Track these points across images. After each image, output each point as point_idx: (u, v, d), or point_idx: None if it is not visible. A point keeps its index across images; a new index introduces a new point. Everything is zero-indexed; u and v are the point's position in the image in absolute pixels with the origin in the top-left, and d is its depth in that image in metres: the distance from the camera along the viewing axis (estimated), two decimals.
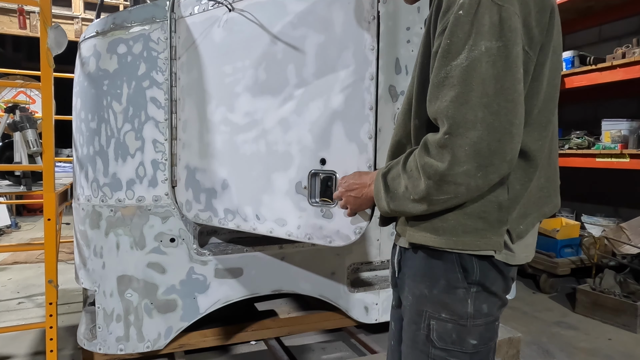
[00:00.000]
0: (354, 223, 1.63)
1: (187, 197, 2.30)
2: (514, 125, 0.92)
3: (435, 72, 0.97)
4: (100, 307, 2.37)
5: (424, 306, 1.11)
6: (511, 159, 0.94)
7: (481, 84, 0.91)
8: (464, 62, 0.92)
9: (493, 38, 0.91)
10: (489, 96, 0.90)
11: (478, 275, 1.06)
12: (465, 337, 1.07)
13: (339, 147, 1.69)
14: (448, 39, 0.94)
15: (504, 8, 0.92)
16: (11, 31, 6.38)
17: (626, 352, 2.98)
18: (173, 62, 2.29)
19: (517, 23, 0.93)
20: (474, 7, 0.92)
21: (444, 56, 0.95)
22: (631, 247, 3.84)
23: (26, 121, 2.75)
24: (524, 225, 1.09)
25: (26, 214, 8.68)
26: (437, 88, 0.96)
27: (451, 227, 1.04)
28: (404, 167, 1.06)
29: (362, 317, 2.75)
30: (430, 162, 0.96)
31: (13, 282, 4.45)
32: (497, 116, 0.90)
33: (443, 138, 0.93)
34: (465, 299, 1.06)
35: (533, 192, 1.10)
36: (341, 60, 1.67)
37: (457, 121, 0.91)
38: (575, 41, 4.99)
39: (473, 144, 0.90)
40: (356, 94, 1.63)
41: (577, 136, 4.31)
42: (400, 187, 1.06)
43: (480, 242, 1.03)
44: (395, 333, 1.33)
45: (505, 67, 0.91)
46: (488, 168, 0.93)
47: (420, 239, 1.08)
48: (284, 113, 1.87)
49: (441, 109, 0.94)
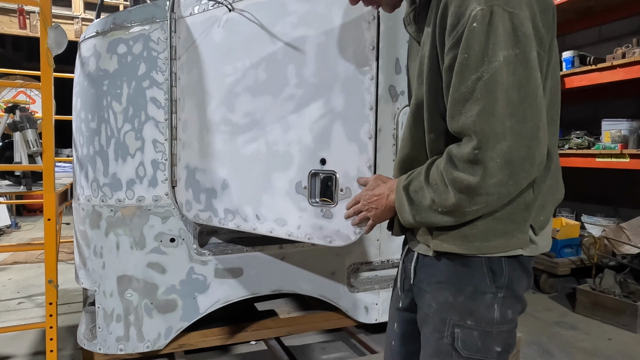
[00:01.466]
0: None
1: (187, 197, 2.30)
2: (540, 129, 0.93)
3: (455, 88, 0.97)
4: (100, 307, 2.37)
5: (449, 314, 1.10)
6: (540, 162, 0.96)
7: (505, 93, 0.91)
8: (485, 75, 0.92)
9: (509, 46, 0.91)
10: (514, 105, 0.91)
11: (506, 277, 1.06)
12: (491, 344, 1.07)
13: (339, 147, 1.69)
14: (465, 53, 0.94)
15: (515, 15, 0.92)
16: (11, 31, 6.39)
17: (626, 352, 2.98)
18: (173, 62, 2.29)
19: (529, 28, 0.93)
20: (487, 18, 0.92)
21: (462, 71, 0.95)
22: (631, 247, 3.84)
23: (26, 121, 2.75)
24: (544, 216, 1.10)
25: (26, 214, 8.67)
26: (459, 103, 0.96)
27: (481, 232, 1.04)
28: (426, 179, 1.05)
29: (362, 317, 2.75)
30: (460, 177, 0.96)
31: (13, 282, 4.45)
32: (524, 123, 0.91)
33: (473, 153, 0.93)
34: (492, 305, 1.06)
35: (548, 183, 1.11)
36: (341, 60, 1.67)
37: (486, 135, 0.91)
38: (575, 41, 4.99)
39: (504, 155, 0.91)
40: (356, 94, 1.63)
41: (577, 136, 4.31)
42: (425, 199, 1.05)
43: (509, 243, 1.04)
44: (399, 335, 1.34)
45: (525, 73, 0.92)
46: (520, 174, 0.94)
47: (450, 247, 1.07)
48: (284, 113, 1.87)
49: (467, 124, 0.94)
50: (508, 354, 1.10)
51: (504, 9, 0.92)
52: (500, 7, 0.91)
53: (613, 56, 3.84)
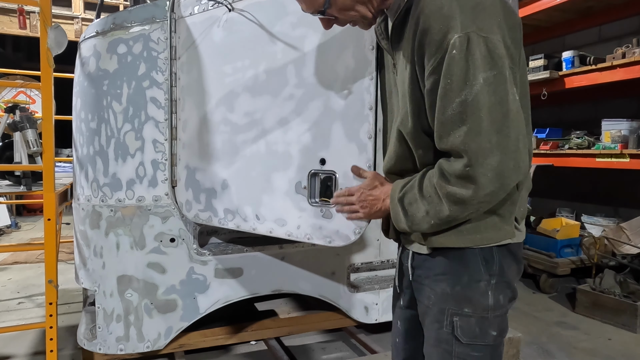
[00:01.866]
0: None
1: (187, 197, 2.30)
2: (520, 140, 1.02)
3: (440, 111, 1.04)
4: (100, 307, 2.37)
5: (446, 304, 1.18)
6: (524, 168, 1.05)
7: (488, 112, 0.99)
8: (468, 97, 1.00)
9: (487, 68, 1.00)
10: (498, 122, 0.99)
11: (498, 264, 1.15)
12: (487, 329, 1.16)
13: (338, 147, 1.69)
14: (448, 79, 1.01)
15: (489, 39, 1.00)
16: (11, 31, 6.39)
17: (626, 352, 2.98)
18: (173, 62, 2.29)
19: (501, 49, 1.02)
20: (465, 45, 0.99)
21: (446, 95, 1.02)
22: (631, 247, 3.84)
23: (26, 121, 2.75)
24: (524, 207, 1.23)
25: (26, 214, 8.68)
26: (447, 125, 1.03)
27: (473, 226, 1.13)
28: (420, 192, 1.13)
29: (362, 317, 2.75)
30: (453, 191, 1.05)
31: (13, 282, 4.45)
32: (508, 137, 1.00)
33: (464, 170, 1.01)
34: (486, 291, 1.15)
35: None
36: (341, 60, 1.67)
37: (475, 152, 1.00)
38: (575, 41, 4.99)
39: (494, 169, 1.00)
40: (356, 94, 1.63)
41: (577, 136, 4.31)
42: (419, 212, 1.13)
43: (499, 234, 1.15)
44: (402, 332, 1.40)
45: (504, 92, 1.00)
46: (509, 184, 1.04)
47: (446, 242, 1.16)
48: (284, 113, 1.87)
49: (456, 144, 1.02)
50: (502, 337, 1.20)
51: (479, 34, 1.00)
52: (475, 34, 1.00)
53: (613, 56, 3.84)
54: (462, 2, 1.02)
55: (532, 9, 4.51)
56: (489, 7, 1.03)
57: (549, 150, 4.47)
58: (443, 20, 1.02)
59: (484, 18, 1.01)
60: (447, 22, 1.01)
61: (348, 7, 1.18)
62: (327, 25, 1.28)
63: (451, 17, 1.01)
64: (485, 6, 1.03)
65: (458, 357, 1.17)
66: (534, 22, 4.90)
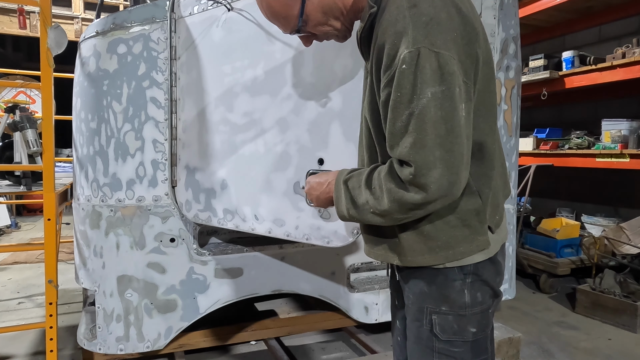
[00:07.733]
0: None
1: (187, 197, 2.30)
2: (463, 156, 1.05)
3: (391, 123, 1.07)
4: (100, 307, 2.37)
5: (425, 303, 1.21)
6: (463, 184, 1.08)
7: (433, 127, 1.01)
8: (415, 110, 1.02)
9: (436, 83, 1.01)
10: (442, 137, 1.02)
11: (471, 265, 1.17)
12: (466, 326, 1.18)
13: (337, 147, 1.69)
14: (398, 92, 1.04)
15: (440, 54, 1.02)
16: (11, 31, 6.39)
17: (626, 352, 2.98)
18: (173, 62, 2.29)
19: (453, 66, 1.03)
20: (415, 59, 1.01)
21: (396, 107, 1.05)
22: (631, 247, 3.84)
23: (26, 121, 2.75)
24: (499, 214, 1.24)
25: (26, 214, 8.68)
26: (396, 136, 1.06)
27: (444, 242, 1.15)
28: (367, 183, 1.15)
29: (362, 317, 2.75)
30: (397, 192, 1.07)
31: (13, 282, 4.46)
32: (452, 153, 1.03)
33: (409, 177, 1.04)
34: (462, 290, 1.18)
35: (498, 183, 1.23)
36: (339, 60, 1.67)
37: (419, 164, 1.02)
38: (575, 41, 4.99)
39: (436, 181, 1.02)
40: (354, 94, 1.63)
41: (577, 136, 4.31)
42: (360, 198, 1.16)
43: (472, 246, 1.16)
44: (401, 330, 1.44)
45: (451, 107, 1.02)
46: (448, 197, 1.06)
47: (422, 261, 1.18)
48: (283, 113, 1.87)
49: (403, 154, 1.05)
50: (484, 332, 1.22)
51: (430, 49, 1.01)
52: (427, 48, 1.01)
53: (613, 56, 3.85)
54: (416, 17, 1.03)
55: (532, 9, 4.51)
56: (444, 22, 1.04)
57: (549, 150, 4.47)
58: (396, 36, 1.04)
59: (438, 33, 1.02)
60: (400, 37, 1.03)
61: (322, 22, 1.23)
62: (306, 42, 1.34)
63: (404, 33, 1.03)
64: (439, 21, 1.03)
65: (439, 352, 1.20)
66: (534, 22, 4.90)
